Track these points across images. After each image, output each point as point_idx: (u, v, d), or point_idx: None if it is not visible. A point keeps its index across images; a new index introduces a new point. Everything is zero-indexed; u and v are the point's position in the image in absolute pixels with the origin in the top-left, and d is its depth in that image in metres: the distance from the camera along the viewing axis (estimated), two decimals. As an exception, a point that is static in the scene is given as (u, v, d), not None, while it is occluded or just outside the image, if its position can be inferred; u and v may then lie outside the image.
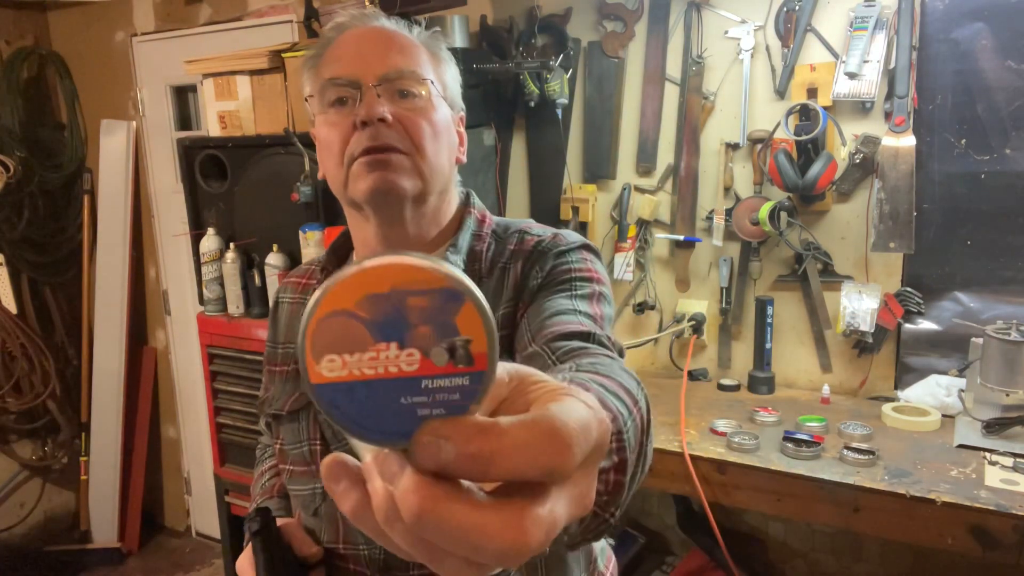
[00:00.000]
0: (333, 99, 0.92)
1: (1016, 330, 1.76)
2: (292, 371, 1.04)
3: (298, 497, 1.01)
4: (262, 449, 1.21)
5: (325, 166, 0.98)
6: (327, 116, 0.93)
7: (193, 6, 2.99)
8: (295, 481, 1.01)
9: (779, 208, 2.04)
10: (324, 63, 0.94)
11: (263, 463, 1.18)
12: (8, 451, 3.39)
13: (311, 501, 0.98)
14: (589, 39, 2.29)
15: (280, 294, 1.11)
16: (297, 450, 1.00)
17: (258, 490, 1.14)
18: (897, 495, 1.54)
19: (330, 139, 0.92)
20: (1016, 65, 1.85)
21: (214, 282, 2.35)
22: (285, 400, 1.02)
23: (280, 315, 1.09)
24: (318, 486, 0.97)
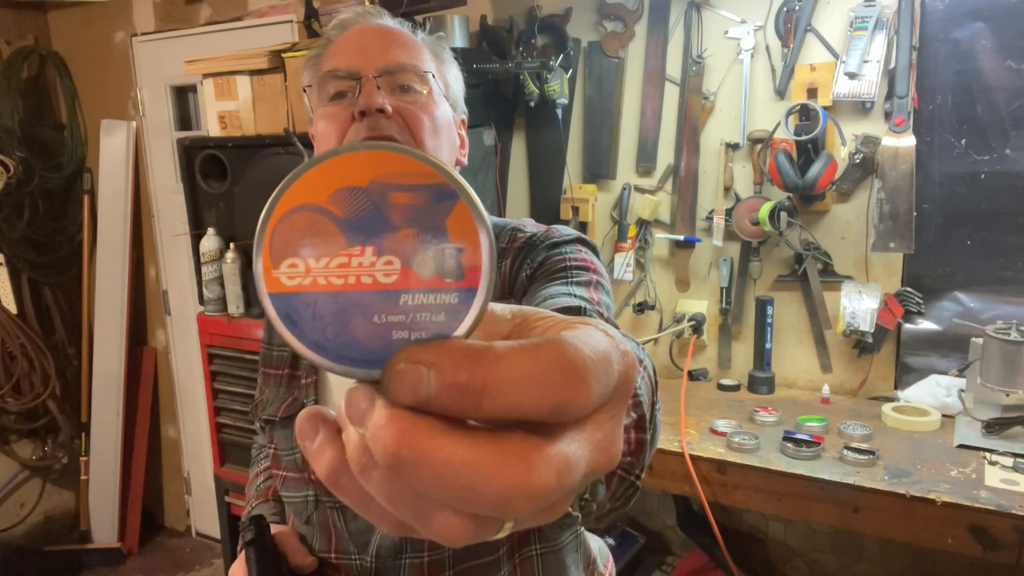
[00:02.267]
0: (332, 92, 0.90)
1: (1016, 330, 1.76)
2: (286, 375, 1.01)
3: (291, 504, 0.99)
4: (257, 449, 1.18)
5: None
6: (325, 109, 0.90)
7: (193, 6, 2.99)
8: (288, 488, 0.99)
9: (779, 208, 2.04)
10: (325, 58, 0.93)
11: (258, 464, 1.16)
12: (8, 451, 3.39)
13: (303, 508, 0.96)
14: (589, 39, 2.29)
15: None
16: (290, 456, 0.98)
17: (253, 492, 1.13)
18: (897, 495, 1.54)
19: (328, 132, 0.89)
20: (1016, 65, 1.85)
21: (214, 282, 2.35)
22: (279, 405, 0.99)
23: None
24: (310, 493, 0.95)
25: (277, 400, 1.01)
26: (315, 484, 0.95)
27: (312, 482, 0.95)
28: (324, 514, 0.94)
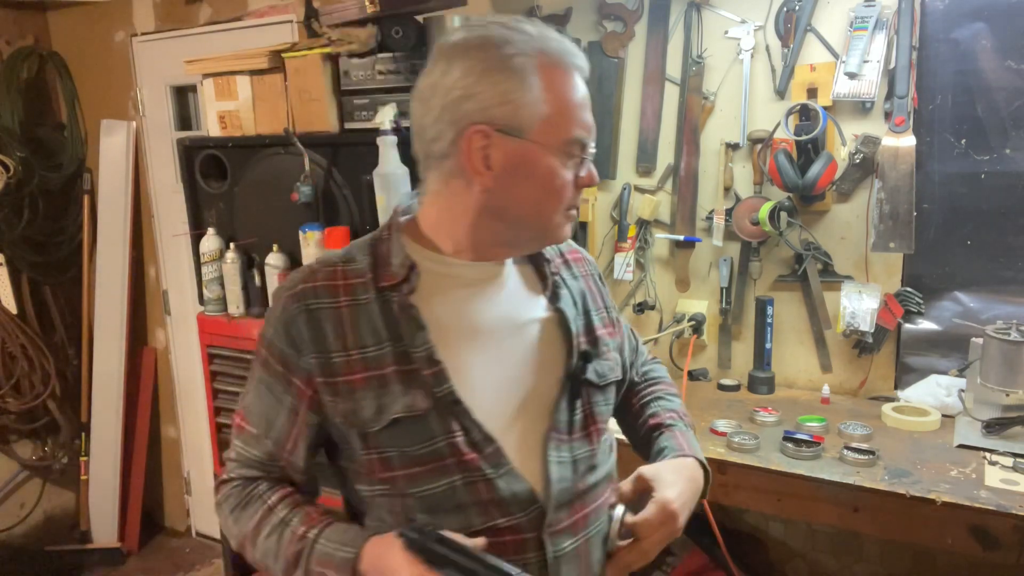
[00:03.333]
0: (570, 151, 0.96)
1: (1016, 330, 1.76)
2: (393, 372, 0.96)
3: (427, 498, 0.96)
4: (243, 484, 1.05)
5: (534, 198, 0.97)
6: (560, 162, 0.96)
7: (193, 6, 2.99)
8: (420, 482, 0.96)
9: (779, 208, 2.04)
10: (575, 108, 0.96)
11: (260, 500, 1.03)
12: (8, 451, 3.39)
13: (449, 496, 0.96)
14: (589, 39, 2.29)
15: (310, 301, 0.98)
16: (427, 448, 0.95)
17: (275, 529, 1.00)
18: (897, 495, 1.54)
19: (559, 185, 0.96)
20: (1016, 65, 1.85)
21: (214, 282, 2.35)
22: (413, 400, 0.95)
23: (322, 322, 0.98)
24: (456, 478, 0.95)
25: (401, 397, 0.96)
26: (466, 465, 0.95)
27: (461, 464, 0.95)
28: (478, 491, 0.96)
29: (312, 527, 0.98)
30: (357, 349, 0.97)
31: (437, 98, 0.94)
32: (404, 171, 2.00)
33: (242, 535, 1.03)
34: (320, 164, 2.18)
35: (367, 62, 2.15)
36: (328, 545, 0.96)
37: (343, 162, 2.17)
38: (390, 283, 0.99)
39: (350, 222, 2.17)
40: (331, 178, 2.18)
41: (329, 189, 2.18)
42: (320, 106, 2.19)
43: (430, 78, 0.96)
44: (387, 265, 1.00)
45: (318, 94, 2.18)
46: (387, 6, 2.05)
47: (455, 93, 0.92)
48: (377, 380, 0.96)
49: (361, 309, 0.98)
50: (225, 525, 1.07)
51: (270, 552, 1.00)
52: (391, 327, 0.97)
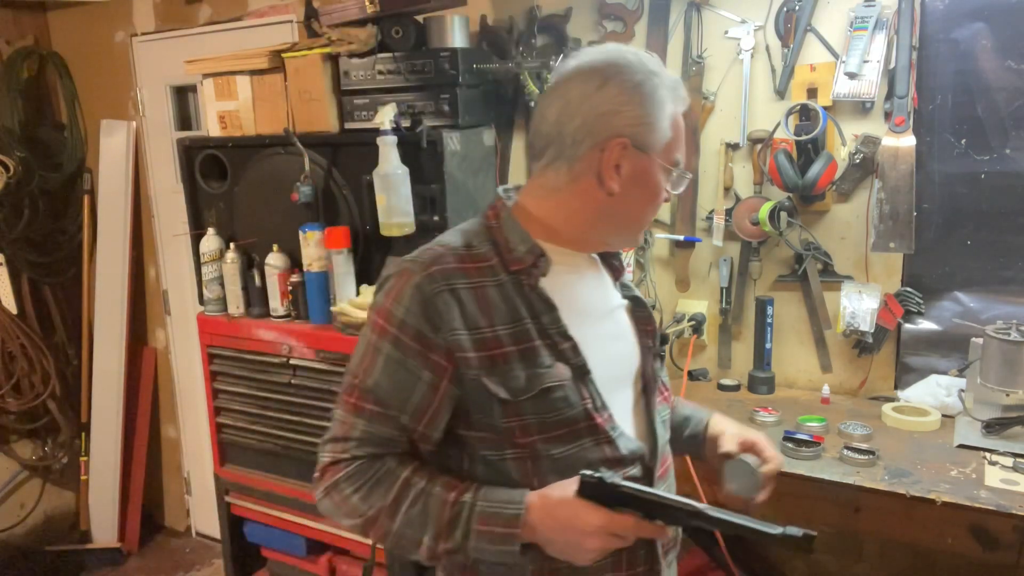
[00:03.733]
0: (671, 171, 1.12)
1: (1016, 330, 1.76)
2: (536, 346, 1.07)
3: (562, 459, 1.07)
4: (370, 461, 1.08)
5: (640, 204, 1.13)
6: (665, 179, 1.12)
7: (193, 6, 2.99)
8: (558, 444, 1.07)
9: (779, 208, 2.05)
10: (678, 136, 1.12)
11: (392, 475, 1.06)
12: (8, 451, 3.39)
13: (581, 456, 1.08)
14: (589, 39, 2.29)
15: (448, 282, 1.06)
16: (566, 414, 1.07)
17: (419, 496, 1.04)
18: (897, 495, 1.54)
19: (659, 196, 1.13)
20: (1016, 65, 1.85)
21: (214, 282, 2.35)
22: (559, 370, 1.07)
23: (464, 301, 1.05)
24: (586, 441, 1.08)
25: (544, 368, 1.06)
26: (597, 428, 1.09)
27: (593, 427, 1.08)
28: (602, 450, 1.09)
29: (464, 492, 1.04)
30: (502, 325, 1.06)
31: (586, 107, 1.06)
32: (404, 171, 2.00)
33: (373, 511, 1.06)
34: (320, 164, 2.18)
35: (367, 62, 2.15)
36: (490, 505, 1.02)
37: (343, 162, 2.17)
38: (520, 267, 1.10)
39: (350, 222, 2.17)
40: (331, 178, 2.18)
41: (329, 189, 2.19)
42: (320, 106, 2.19)
43: (584, 88, 1.07)
44: (510, 251, 1.10)
45: (318, 94, 2.18)
46: (387, 6, 2.05)
47: (605, 107, 1.06)
48: (522, 353, 1.06)
49: (497, 290, 1.08)
50: (342, 506, 1.08)
51: (414, 522, 1.04)
52: (527, 306, 1.08)
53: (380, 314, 1.08)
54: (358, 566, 2.31)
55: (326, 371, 2.17)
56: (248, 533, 2.50)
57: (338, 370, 2.14)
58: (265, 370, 2.29)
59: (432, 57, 2.07)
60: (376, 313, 1.08)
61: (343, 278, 2.12)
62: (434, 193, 2.07)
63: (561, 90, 1.08)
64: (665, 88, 1.09)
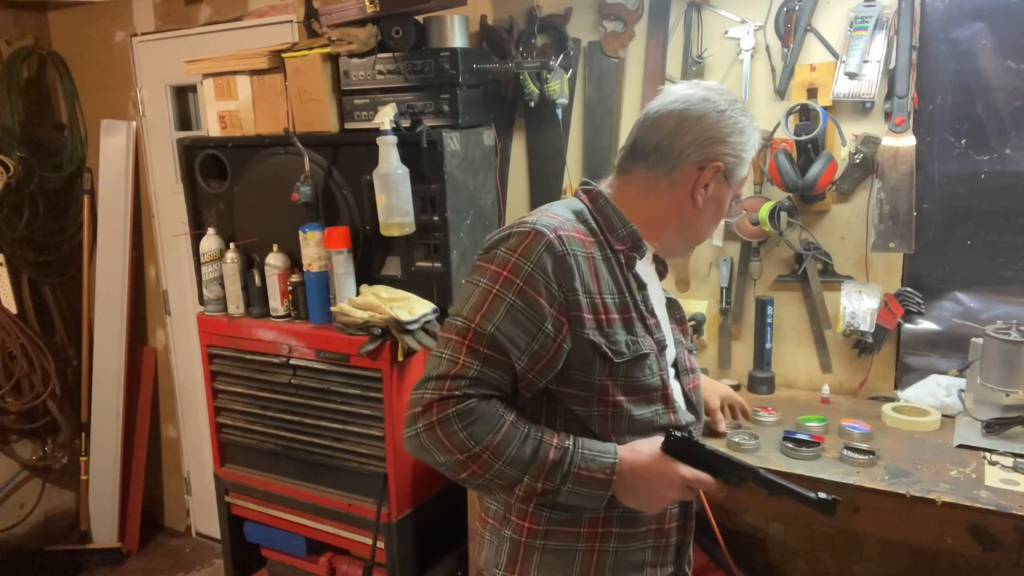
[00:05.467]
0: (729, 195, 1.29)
1: (1016, 330, 1.76)
2: (633, 317, 1.22)
3: (639, 419, 1.22)
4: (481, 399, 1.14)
5: (708, 218, 1.29)
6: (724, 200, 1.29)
7: (193, 6, 2.99)
8: (638, 406, 1.22)
9: (779, 208, 2.05)
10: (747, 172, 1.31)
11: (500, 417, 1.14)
12: (8, 451, 3.39)
13: (654, 419, 1.24)
14: (589, 39, 2.29)
15: (568, 247, 1.17)
16: (648, 380, 1.22)
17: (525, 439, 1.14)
18: (897, 495, 1.54)
19: (720, 217, 1.32)
20: (1016, 65, 1.85)
21: (214, 282, 2.35)
22: (651, 341, 1.24)
23: (580, 265, 1.18)
24: (659, 407, 1.24)
25: (641, 339, 1.22)
26: (666, 397, 1.25)
27: (664, 396, 1.25)
28: (669, 416, 1.26)
29: (565, 439, 1.16)
30: (609, 294, 1.21)
31: (701, 128, 1.22)
32: (404, 171, 2.00)
33: (480, 447, 1.12)
34: (320, 164, 2.18)
35: (367, 62, 2.15)
36: (589, 452, 1.15)
37: (343, 162, 2.17)
38: (622, 247, 1.25)
39: (350, 222, 2.17)
40: (331, 178, 2.18)
41: (329, 189, 2.19)
42: (320, 106, 2.19)
43: (707, 108, 1.22)
44: (612, 231, 1.25)
45: (318, 94, 2.18)
46: (387, 6, 2.05)
47: (716, 134, 1.22)
48: (625, 321, 1.21)
49: (605, 263, 1.22)
50: (450, 440, 1.12)
51: (517, 461, 1.13)
52: (625, 282, 1.24)
53: (505, 266, 1.15)
54: (358, 566, 2.31)
55: (326, 371, 2.17)
56: (248, 533, 2.50)
57: (338, 370, 2.14)
58: (265, 370, 2.29)
59: (432, 57, 2.08)
60: (499, 265, 1.16)
61: (343, 278, 2.12)
62: (434, 193, 2.07)
63: (682, 107, 1.23)
64: (757, 135, 1.29)
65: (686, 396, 1.35)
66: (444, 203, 2.07)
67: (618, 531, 1.24)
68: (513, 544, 1.26)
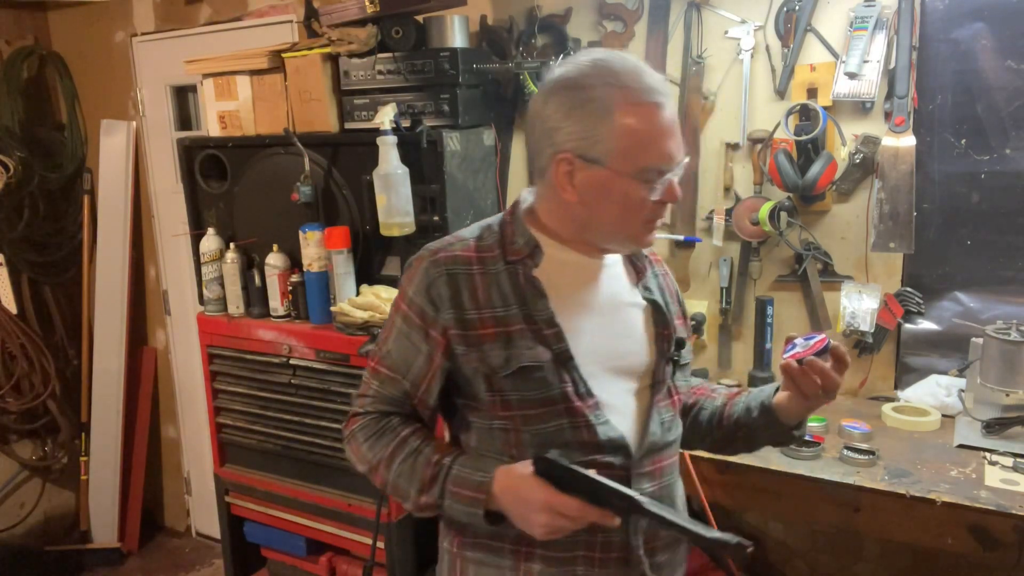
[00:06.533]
0: (653, 179, 1.11)
1: (1016, 330, 1.76)
2: (519, 329, 1.15)
3: (539, 434, 1.15)
4: (379, 418, 1.23)
5: (614, 213, 1.14)
6: (636, 186, 1.11)
7: (193, 6, 2.99)
8: (534, 422, 1.15)
9: (779, 208, 2.05)
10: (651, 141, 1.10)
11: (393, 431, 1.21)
12: (8, 451, 3.39)
13: (557, 435, 1.15)
14: (589, 39, 2.29)
15: (449, 268, 1.18)
16: (543, 394, 1.15)
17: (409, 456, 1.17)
18: (897, 495, 1.54)
19: (639, 204, 1.12)
20: (1016, 65, 1.85)
21: (214, 282, 2.35)
22: (538, 353, 1.15)
23: (460, 285, 1.17)
24: (564, 421, 1.15)
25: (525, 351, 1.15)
26: (573, 412, 1.15)
27: (570, 411, 1.15)
28: (579, 433, 1.15)
29: (446, 455, 1.16)
30: (488, 309, 1.17)
31: (538, 124, 1.15)
32: (404, 171, 2.00)
33: (376, 460, 1.21)
34: (320, 164, 2.18)
35: (367, 62, 2.15)
36: (463, 470, 1.14)
37: (343, 162, 2.17)
38: (516, 257, 1.19)
39: (350, 222, 2.17)
40: (331, 178, 2.18)
41: (329, 189, 2.19)
42: (320, 106, 2.19)
43: (535, 106, 1.16)
44: (512, 243, 1.20)
45: (318, 94, 2.18)
46: (387, 6, 2.05)
47: (548, 124, 1.13)
48: (505, 335, 1.16)
49: (492, 277, 1.18)
50: (356, 453, 1.24)
51: (404, 474, 1.17)
52: (517, 293, 1.17)
53: (399, 293, 1.23)
54: (358, 566, 2.30)
55: (326, 371, 2.17)
56: (248, 533, 2.50)
57: (338, 370, 2.14)
58: (265, 370, 2.28)
59: (432, 57, 2.08)
60: (398, 292, 1.24)
61: (343, 278, 2.12)
62: (434, 193, 2.07)
63: (538, 98, 1.17)
64: (608, 95, 1.09)
65: (651, 414, 1.22)
66: (444, 203, 2.07)
67: (541, 552, 1.16)
68: (450, 556, 1.25)
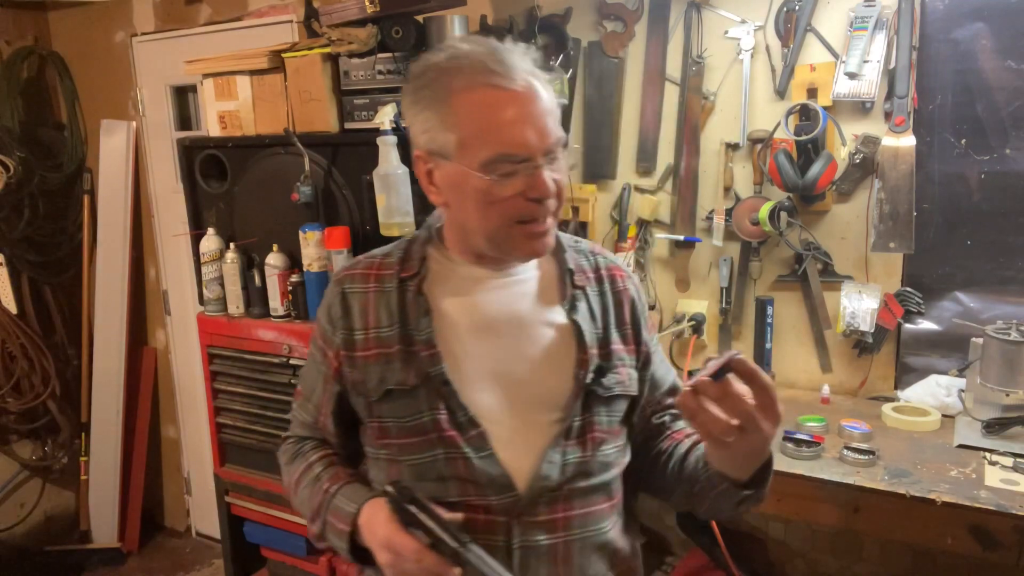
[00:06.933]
0: (504, 171, 0.99)
1: (1016, 330, 1.76)
2: (398, 352, 1.08)
3: (415, 466, 1.06)
4: (296, 442, 1.24)
5: (475, 215, 1.02)
6: (490, 182, 0.99)
7: (193, 6, 2.99)
8: (409, 451, 1.06)
9: (779, 208, 2.04)
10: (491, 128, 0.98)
11: (303, 457, 1.20)
12: (8, 451, 3.39)
13: (431, 467, 1.05)
14: (589, 39, 2.29)
15: (346, 286, 1.14)
16: (415, 421, 1.05)
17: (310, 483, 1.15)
18: (897, 495, 1.54)
19: (496, 202, 1.00)
20: (1016, 65, 1.85)
21: (214, 282, 2.35)
22: (406, 376, 1.06)
23: (351, 304, 1.13)
24: (439, 452, 1.04)
25: (397, 373, 1.07)
26: (446, 441, 1.04)
27: (443, 440, 1.04)
28: (457, 467, 1.04)
29: (334, 484, 1.12)
30: (374, 328, 1.11)
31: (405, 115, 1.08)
32: (404, 171, 2.00)
33: (287, 485, 1.21)
34: (320, 164, 2.18)
35: (367, 62, 2.14)
36: (341, 500, 1.09)
37: (343, 162, 2.17)
38: (408, 274, 1.12)
39: (350, 222, 2.16)
40: (331, 178, 2.18)
41: (329, 189, 2.18)
42: (320, 106, 2.19)
43: (407, 90, 1.07)
44: (411, 259, 1.13)
45: (318, 94, 2.18)
46: (387, 6, 2.05)
47: (407, 119, 1.07)
48: (384, 356, 1.09)
49: (384, 295, 1.12)
50: (281, 474, 1.24)
51: (304, 501, 1.16)
52: (402, 312, 1.10)
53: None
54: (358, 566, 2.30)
55: (326, 371, 2.16)
56: (248, 533, 2.49)
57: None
58: (265, 370, 2.28)
59: (432, 57, 2.07)
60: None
61: (343, 278, 2.12)
62: (434, 193, 2.07)
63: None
64: (456, 84, 0.99)
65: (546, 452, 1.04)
66: (444, 203, 2.07)
67: None
68: None
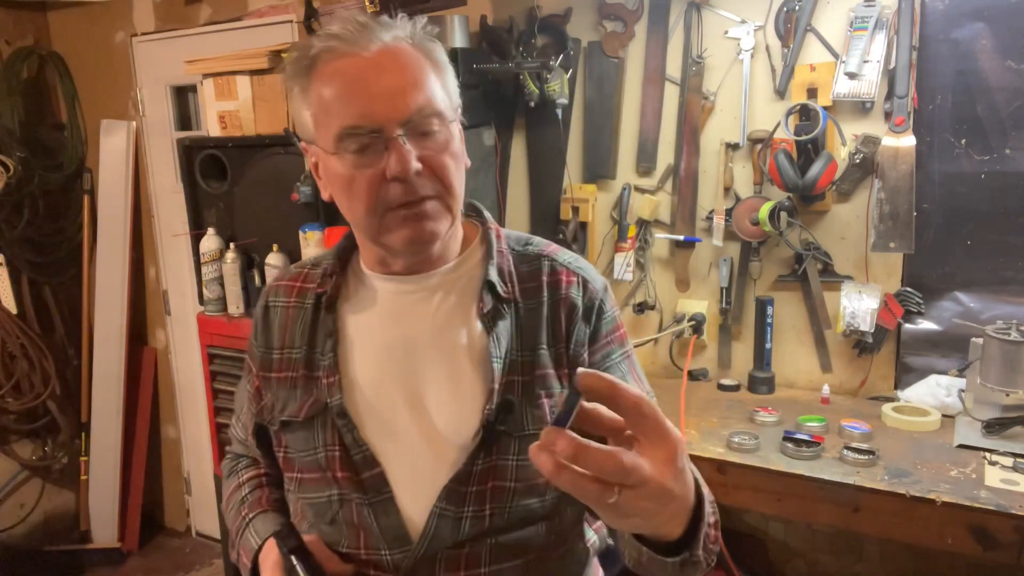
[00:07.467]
0: (354, 148, 0.87)
1: (1016, 330, 1.76)
2: (301, 376, 0.97)
3: (312, 505, 0.96)
4: (233, 459, 1.17)
5: (345, 205, 0.92)
6: (346, 160, 0.88)
7: (193, 6, 2.99)
8: (307, 489, 0.96)
9: (779, 208, 2.04)
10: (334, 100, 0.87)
11: (236, 476, 1.13)
12: (8, 451, 3.38)
13: (327, 509, 0.94)
14: (589, 39, 2.29)
15: (271, 298, 1.04)
16: (310, 457, 0.95)
17: (236, 504, 1.09)
18: (897, 495, 1.54)
19: (356, 186, 0.88)
20: (1016, 65, 1.85)
21: (214, 282, 2.35)
22: (300, 406, 0.96)
23: (272, 320, 1.02)
24: (334, 492, 0.93)
25: (295, 401, 0.97)
26: (339, 482, 0.92)
27: (336, 480, 0.92)
28: (350, 511, 0.92)
29: (252, 511, 1.05)
30: (288, 349, 1.00)
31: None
32: (404, 171, 2.00)
33: (224, 501, 1.14)
34: (320, 164, 2.18)
35: (367, 62, 2.14)
36: (250, 532, 1.02)
37: (343, 162, 2.17)
38: (323, 289, 1.00)
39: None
40: (331, 178, 2.18)
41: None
42: (320, 106, 2.19)
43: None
44: (332, 271, 1.01)
45: (318, 94, 2.18)
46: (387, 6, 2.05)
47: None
48: (290, 381, 0.99)
49: (300, 311, 1.01)
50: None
51: (230, 524, 1.09)
52: (311, 332, 0.99)
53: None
54: (358, 566, 2.30)
55: (326, 371, 2.16)
56: (248, 533, 2.50)
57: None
58: (265, 370, 2.29)
59: (432, 57, 2.07)
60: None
61: (343, 278, 2.12)
62: (434, 193, 2.07)
63: None
64: (293, 68, 0.91)
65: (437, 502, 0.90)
66: (444, 203, 2.07)
67: None
68: None
